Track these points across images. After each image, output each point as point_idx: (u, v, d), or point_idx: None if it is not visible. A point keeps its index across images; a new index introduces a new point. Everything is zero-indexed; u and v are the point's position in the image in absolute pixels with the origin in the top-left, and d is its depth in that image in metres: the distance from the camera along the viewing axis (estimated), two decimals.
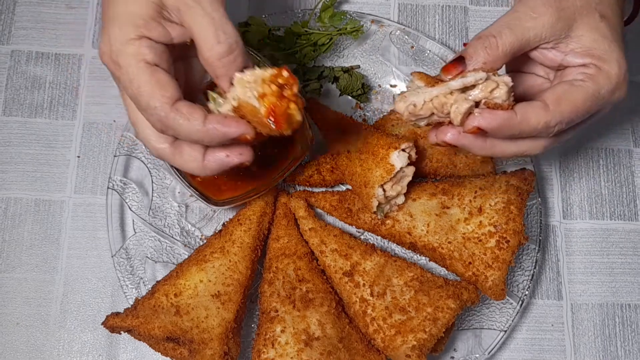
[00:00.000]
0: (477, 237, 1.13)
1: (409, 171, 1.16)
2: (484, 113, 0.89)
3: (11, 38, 1.40)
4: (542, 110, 0.89)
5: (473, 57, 0.91)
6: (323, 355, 1.07)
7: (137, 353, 1.24)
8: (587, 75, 0.92)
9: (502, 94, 0.88)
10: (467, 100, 0.89)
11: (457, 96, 0.90)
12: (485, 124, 0.88)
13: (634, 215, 1.35)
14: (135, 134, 0.94)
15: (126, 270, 1.22)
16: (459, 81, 0.89)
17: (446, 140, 0.93)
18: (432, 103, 0.91)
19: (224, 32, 0.85)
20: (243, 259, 1.16)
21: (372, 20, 1.37)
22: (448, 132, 0.93)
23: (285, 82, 0.84)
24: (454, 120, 0.90)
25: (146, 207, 1.27)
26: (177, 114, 0.85)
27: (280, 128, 0.83)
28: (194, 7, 0.85)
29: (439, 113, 0.91)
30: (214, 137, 0.86)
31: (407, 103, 0.92)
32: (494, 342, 1.20)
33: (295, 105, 0.83)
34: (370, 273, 1.14)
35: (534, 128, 0.90)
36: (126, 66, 0.86)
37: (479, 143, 0.93)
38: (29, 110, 1.36)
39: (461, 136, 0.92)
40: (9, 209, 1.31)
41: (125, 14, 0.86)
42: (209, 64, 0.88)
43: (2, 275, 1.27)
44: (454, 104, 0.90)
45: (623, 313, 1.29)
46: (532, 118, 0.89)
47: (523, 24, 0.91)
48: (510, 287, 1.23)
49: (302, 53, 1.31)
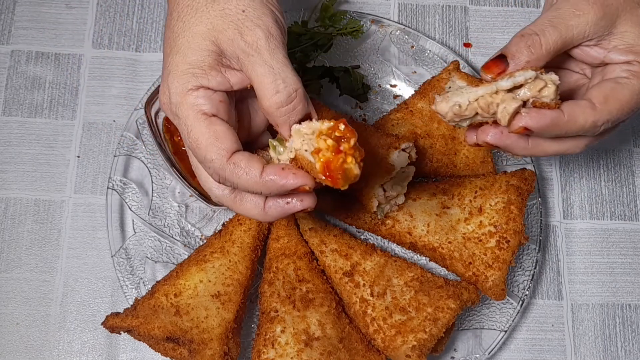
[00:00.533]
0: (478, 237, 1.13)
1: (409, 171, 1.16)
2: (531, 113, 0.86)
3: (11, 38, 1.40)
4: (590, 110, 0.88)
5: (516, 56, 0.89)
6: (323, 356, 1.07)
7: (137, 353, 1.24)
8: (632, 72, 0.90)
9: (550, 93, 0.86)
10: (516, 99, 0.86)
11: (504, 96, 0.87)
12: (534, 123, 0.86)
13: (634, 215, 1.35)
14: (199, 179, 0.95)
15: (126, 270, 1.22)
16: (508, 81, 0.86)
17: (488, 141, 0.91)
18: (477, 103, 0.88)
19: (283, 81, 0.84)
20: (243, 259, 1.16)
21: (372, 20, 1.37)
22: (489, 132, 0.91)
23: (342, 135, 0.81)
24: (501, 121, 0.88)
25: (146, 207, 1.27)
26: (234, 167, 0.84)
27: (336, 184, 0.81)
28: (253, 55, 0.84)
29: (484, 113, 0.89)
30: (272, 189, 0.84)
31: (450, 103, 0.89)
32: (494, 342, 1.20)
33: (353, 158, 0.81)
34: (370, 273, 1.14)
35: (582, 127, 0.88)
36: (184, 118, 0.85)
37: (522, 143, 0.92)
38: (28, 110, 1.36)
39: (504, 136, 0.90)
40: (9, 209, 1.31)
41: (184, 64, 0.85)
42: (269, 113, 0.87)
43: (2, 275, 1.27)
44: (501, 104, 0.87)
45: (623, 313, 1.29)
46: (580, 117, 0.88)
47: (567, 21, 0.89)
48: (510, 287, 1.23)
49: (302, 53, 1.31)
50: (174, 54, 0.87)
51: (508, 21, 1.45)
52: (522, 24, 1.44)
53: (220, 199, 0.92)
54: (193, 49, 0.86)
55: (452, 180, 1.23)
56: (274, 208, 0.89)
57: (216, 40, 0.85)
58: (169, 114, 0.88)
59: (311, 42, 1.31)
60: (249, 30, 0.85)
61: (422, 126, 1.25)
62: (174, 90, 0.86)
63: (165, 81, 0.87)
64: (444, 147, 1.24)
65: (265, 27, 0.85)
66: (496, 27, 1.45)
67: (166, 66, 0.88)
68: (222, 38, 0.85)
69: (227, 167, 0.84)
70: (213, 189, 0.92)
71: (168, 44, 0.89)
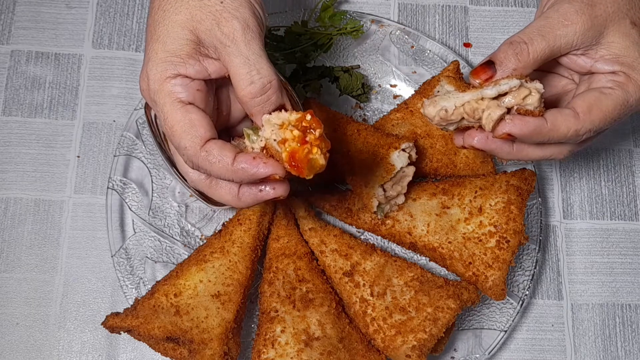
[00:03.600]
0: (478, 237, 1.13)
1: (409, 171, 1.16)
2: (515, 120, 0.89)
3: (11, 38, 1.40)
4: (573, 119, 0.90)
5: (503, 63, 0.91)
6: (323, 356, 1.07)
7: (137, 353, 1.24)
8: (617, 83, 0.91)
9: (534, 101, 0.88)
10: (500, 107, 0.89)
11: (489, 102, 0.89)
12: (517, 130, 0.88)
13: (634, 215, 1.35)
14: (177, 164, 0.99)
15: (126, 270, 1.22)
16: (493, 89, 0.89)
17: (473, 145, 0.94)
18: (463, 108, 0.91)
19: (258, 72, 0.87)
20: (243, 259, 1.16)
21: (372, 20, 1.37)
22: (475, 136, 0.93)
23: (309, 125, 0.83)
24: (485, 126, 0.90)
25: (146, 207, 1.27)
26: (207, 155, 0.86)
27: (301, 174, 0.83)
28: (229, 46, 0.87)
29: (469, 118, 0.91)
30: (243, 177, 0.87)
31: (437, 108, 0.92)
32: (494, 342, 1.20)
33: (318, 149, 0.83)
34: (370, 273, 1.14)
35: (564, 135, 0.90)
36: (161, 105, 0.88)
37: (507, 148, 0.94)
38: (28, 110, 1.36)
39: (489, 141, 0.93)
40: (9, 209, 1.31)
41: (163, 52, 0.88)
42: (243, 102, 0.89)
43: (2, 275, 1.27)
44: (486, 110, 0.89)
45: (623, 313, 1.29)
46: (562, 126, 0.89)
47: (555, 31, 0.91)
48: (510, 287, 1.23)
49: (302, 53, 1.31)
50: (153, 41, 0.89)
51: (508, 21, 1.45)
52: (522, 24, 1.44)
53: (196, 184, 0.95)
54: (172, 37, 0.88)
55: (452, 180, 1.23)
56: (247, 195, 0.92)
57: (194, 30, 0.88)
58: (148, 100, 0.91)
59: (311, 42, 1.31)
60: (226, 21, 0.87)
61: (422, 126, 1.25)
62: (152, 77, 0.88)
63: (145, 68, 0.89)
64: (444, 147, 1.24)
65: (242, 19, 0.87)
66: (496, 27, 1.45)
67: (146, 53, 0.90)
68: (200, 28, 0.87)
69: (200, 155, 0.87)
70: (189, 174, 0.95)
71: (149, 32, 0.91)
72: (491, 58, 0.92)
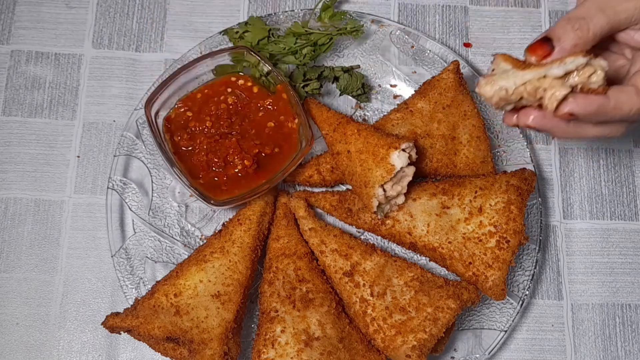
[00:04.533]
0: (478, 237, 1.13)
1: (409, 171, 1.16)
2: (578, 99, 0.87)
3: (11, 38, 1.40)
4: (636, 96, 0.89)
5: (562, 39, 0.89)
6: (323, 355, 1.07)
7: (137, 353, 1.24)
8: None
9: (599, 79, 0.87)
10: (565, 86, 0.87)
11: (553, 81, 0.87)
12: (581, 110, 0.87)
13: (634, 215, 1.35)
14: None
15: (126, 270, 1.22)
16: (560, 68, 0.87)
17: (529, 124, 0.93)
18: (524, 87, 0.89)
19: None
20: (243, 259, 1.16)
21: (372, 20, 1.37)
22: (531, 115, 0.92)
23: None
24: (548, 106, 0.88)
25: (146, 207, 1.27)
26: None
27: None
28: None
29: (529, 97, 0.89)
30: None
31: (496, 87, 0.90)
32: (494, 342, 1.20)
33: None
34: (370, 273, 1.14)
35: (627, 113, 0.90)
36: None
37: (563, 126, 0.93)
38: (28, 110, 1.36)
39: (546, 120, 0.92)
40: (9, 209, 1.31)
41: None
42: None
43: (2, 275, 1.27)
44: (549, 90, 0.88)
45: (623, 313, 1.29)
46: (626, 104, 0.89)
47: (615, 6, 0.90)
48: (510, 287, 1.23)
49: (302, 53, 1.31)
50: None
51: (508, 21, 1.45)
52: (522, 24, 1.44)
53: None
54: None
55: (452, 180, 1.23)
56: None
57: None
58: None
59: (311, 42, 1.31)
60: None
61: (422, 126, 1.25)
62: None
63: None
64: (444, 147, 1.24)
65: None
66: (496, 27, 1.45)
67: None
68: None
69: None
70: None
71: None
72: (548, 34, 0.90)
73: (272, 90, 1.26)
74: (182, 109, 1.25)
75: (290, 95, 1.23)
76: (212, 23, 1.43)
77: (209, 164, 1.19)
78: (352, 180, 1.19)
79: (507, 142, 1.32)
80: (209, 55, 1.25)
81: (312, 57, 1.32)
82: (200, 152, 1.20)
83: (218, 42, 1.35)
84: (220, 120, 1.22)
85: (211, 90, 1.26)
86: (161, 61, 1.40)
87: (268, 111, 1.25)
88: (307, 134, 1.21)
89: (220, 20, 1.43)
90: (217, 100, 1.24)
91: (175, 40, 1.42)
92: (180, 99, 1.26)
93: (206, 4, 1.44)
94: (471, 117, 1.26)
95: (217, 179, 1.19)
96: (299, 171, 1.27)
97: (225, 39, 1.34)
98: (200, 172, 1.20)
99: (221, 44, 1.34)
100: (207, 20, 1.43)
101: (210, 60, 1.25)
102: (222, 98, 1.25)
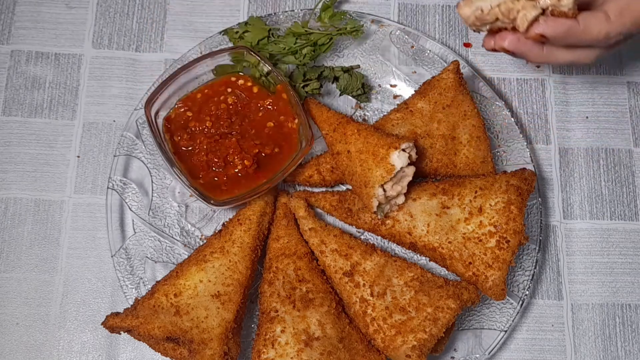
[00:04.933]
0: (478, 237, 1.13)
1: (409, 171, 1.16)
2: (548, 20, 0.92)
3: (11, 38, 1.40)
4: (605, 21, 0.93)
5: None
6: (323, 356, 1.07)
7: (137, 353, 1.24)
8: None
9: (569, 2, 0.91)
10: (536, 7, 0.92)
11: (525, 3, 0.92)
12: (550, 31, 0.92)
13: (634, 215, 1.35)
14: None
15: (126, 270, 1.22)
16: None
17: (504, 46, 0.97)
18: (499, 8, 0.94)
19: None
20: (243, 259, 1.16)
21: (372, 20, 1.37)
22: (507, 37, 0.96)
23: None
24: (519, 26, 0.93)
25: (146, 207, 1.27)
26: None
27: None
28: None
29: (504, 19, 0.94)
30: None
31: (473, 8, 0.95)
32: (494, 342, 1.20)
33: None
34: (370, 273, 1.14)
35: (595, 37, 0.94)
36: None
37: (537, 50, 0.97)
38: (28, 110, 1.36)
39: (520, 43, 0.96)
40: (9, 209, 1.31)
41: None
42: None
43: (2, 275, 1.27)
44: (521, 11, 0.92)
45: (623, 313, 1.29)
46: (594, 28, 0.93)
47: None
48: (510, 287, 1.23)
49: (302, 53, 1.31)
50: None
51: None
52: None
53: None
54: None
55: (452, 180, 1.23)
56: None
57: None
58: None
59: (311, 42, 1.31)
60: None
61: (422, 126, 1.25)
62: None
63: None
64: (444, 147, 1.24)
65: None
66: None
67: None
68: None
69: None
70: None
71: None
72: None
73: (272, 90, 1.26)
74: (182, 109, 1.25)
75: (290, 95, 1.24)
76: (212, 23, 1.43)
77: (209, 164, 1.19)
78: (352, 180, 1.19)
79: (507, 142, 1.32)
80: (209, 55, 1.25)
81: (312, 57, 1.32)
82: (200, 152, 1.20)
83: (218, 42, 1.35)
84: (220, 120, 1.22)
85: (211, 90, 1.26)
86: (161, 61, 1.40)
87: (268, 111, 1.25)
88: (307, 134, 1.21)
89: (220, 20, 1.43)
90: (217, 100, 1.24)
91: (175, 40, 1.42)
92: (180, 99, 1.26)
93: (206, 4, 1.44)
94: (471, 117, 1.26)
95: (217, 179, 1.19)
96: (299, 171, 1.27)
97: (225, 39, 1.35)
98: (200, 172, 1.20)
99: (221, 44, 1.34)
100: (207, 20, 1.43)
101: (210, 60, 1.25)
102: (222, 98, 1.25)
